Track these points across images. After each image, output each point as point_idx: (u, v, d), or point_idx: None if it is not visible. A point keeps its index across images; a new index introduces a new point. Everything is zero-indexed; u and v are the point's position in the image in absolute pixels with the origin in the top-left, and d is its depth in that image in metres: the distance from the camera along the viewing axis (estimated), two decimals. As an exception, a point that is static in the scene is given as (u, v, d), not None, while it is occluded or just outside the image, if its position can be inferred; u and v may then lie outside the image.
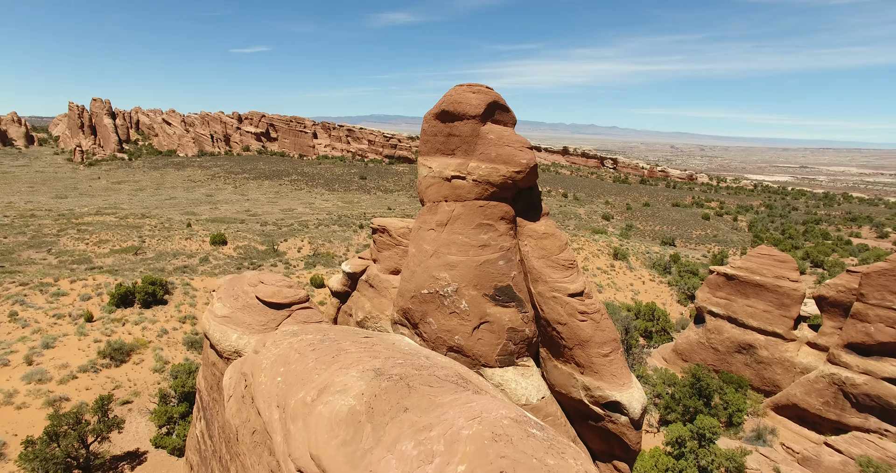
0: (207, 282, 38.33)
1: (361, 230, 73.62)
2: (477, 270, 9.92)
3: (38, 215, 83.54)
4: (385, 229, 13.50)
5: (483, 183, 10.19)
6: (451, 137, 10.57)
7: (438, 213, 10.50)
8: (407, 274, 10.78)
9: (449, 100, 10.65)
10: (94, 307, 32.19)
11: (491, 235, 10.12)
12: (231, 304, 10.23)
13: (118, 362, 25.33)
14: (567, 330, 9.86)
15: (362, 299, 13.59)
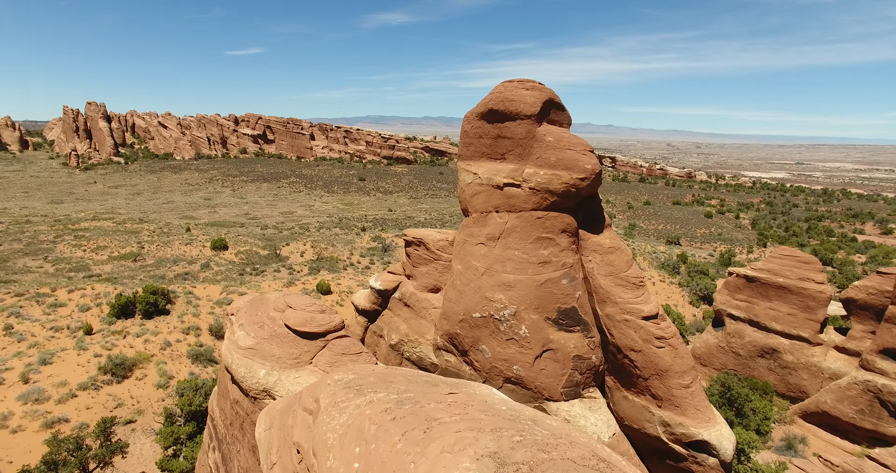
0: (210, 290, 37.06)
1: (364, 233, 72.36)
2: (538, 290, 8.73)
3: (33, 220, 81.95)
4: (421, 241, 12.24)
5: (542, 192, 9.01)
6: (501, 140, 9.39)
7: (489, 225, 9.31)
8: (453, 294, 9.58)
9: (498, 98, 9.45)
10: (94, 319, 30.88)
11: (552, 250, 8.94)
12: (256, 333, 8.97)
13: (120, 378, 24.04)
14: (642, 358, 8.69)
15: (396, 319, 12.31)
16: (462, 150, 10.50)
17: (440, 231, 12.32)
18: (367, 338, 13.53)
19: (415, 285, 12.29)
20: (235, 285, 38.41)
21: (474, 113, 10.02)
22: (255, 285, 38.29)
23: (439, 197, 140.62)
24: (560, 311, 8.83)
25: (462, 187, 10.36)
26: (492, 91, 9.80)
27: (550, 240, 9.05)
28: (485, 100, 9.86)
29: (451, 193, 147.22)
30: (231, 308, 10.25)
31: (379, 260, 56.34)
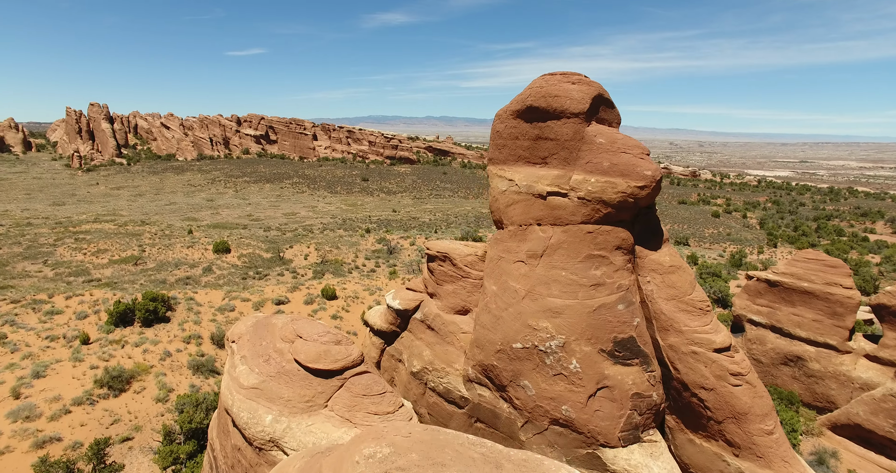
0: (212, 296, 35.95)
1: (368, 235, 71.20)
2: (590, 318, 7.48)
3: (34, 223, 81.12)
4: (447, 256, 10.87)
5: (593, 202, 7.72)
6: (542, 142, 8.13)
7: (529, 240, 8.06)
8: (487, 320, 8.34)
9: (538, 93, 8.16)
10: (91, 327, 29.77)
11: (605, 270, 7.67)
12: (261, 369, 7.72)
13: (117, 391, 22.87)
14: (715, 398, 7.42)
15: (418, 343, 11.00)
16: (494, 152, 9.23)
17: (468, 244, 10.97)
18: (384, 362, 12.16)
19: (439, 305, 10.96)
20: (238, 291, 37.27)
21: (509, 111, 8.74)
22: (258, 291, 37.16)
23: (443, 197, 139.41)
24: (616, 341, 7.56)
25: (495, 195, 9.08)
26: (530, 86, 8.50)
27: (603, 258, 7.77)
28: (522, 96, 8.56)
29: (455, 193, 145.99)
30: (232, 333, 9.04)
31: (384, 263, 55.16)
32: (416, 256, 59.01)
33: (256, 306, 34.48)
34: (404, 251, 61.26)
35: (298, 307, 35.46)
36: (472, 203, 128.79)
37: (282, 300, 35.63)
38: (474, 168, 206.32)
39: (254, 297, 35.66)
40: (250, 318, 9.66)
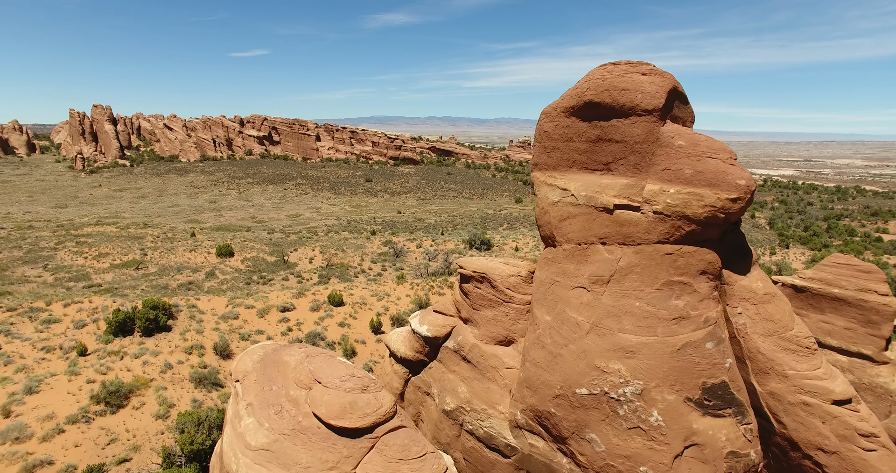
0: (215, 302, 34.72)
1: (374, 237, 69.95)
2: (674, 359, 6.16)
3: (36, 226, 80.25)
4: (485, 277, 9.33)
5: (673, 218, 6.36)
6: (605, 144, 6.80)
7: (592, 262, 6.72)
8: (542, 357, 7.01)
9: (600, 86, 6.78)
10: (89, 337, 28.57)
11: (688, 300, 6.34)
12: (272, 423, 6.34)
13: (114, 408, 21.63)
14: (839, 464, 6.04)
15: (451, 377, 9.59)
16: (541, 156, 7.88)
17: (508, 262, 9.55)
18: (410, 394, 10.72)
19: (476, 333, 9.52)
20: (242, 297, 36.05)
21: (560, 107, 7.40)
22: (262, 297, 35.94)
23: (448, 198, 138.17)
24: (706, 388, 6.21)
25: (544, 206, 7.72)
26: (587, 78, 7.12)
27: (685, 285, 6.42)
28: (577, 90, 7.17)
29: (460, 193, 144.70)
30: (236, 370, 7.71)
31: (391, 266, 53.90)
32: (422, 259, 57.72)
33: (261, 313, 33.26)
34: (411, 254, 59.99)
35: (304, 313, 34.21)
36: (477, 204, 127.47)
37: (287, 306, 34.39)
38: (478, 169, 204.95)
39: (258, 304, 34.42)
40: (256, 350, 8.33)
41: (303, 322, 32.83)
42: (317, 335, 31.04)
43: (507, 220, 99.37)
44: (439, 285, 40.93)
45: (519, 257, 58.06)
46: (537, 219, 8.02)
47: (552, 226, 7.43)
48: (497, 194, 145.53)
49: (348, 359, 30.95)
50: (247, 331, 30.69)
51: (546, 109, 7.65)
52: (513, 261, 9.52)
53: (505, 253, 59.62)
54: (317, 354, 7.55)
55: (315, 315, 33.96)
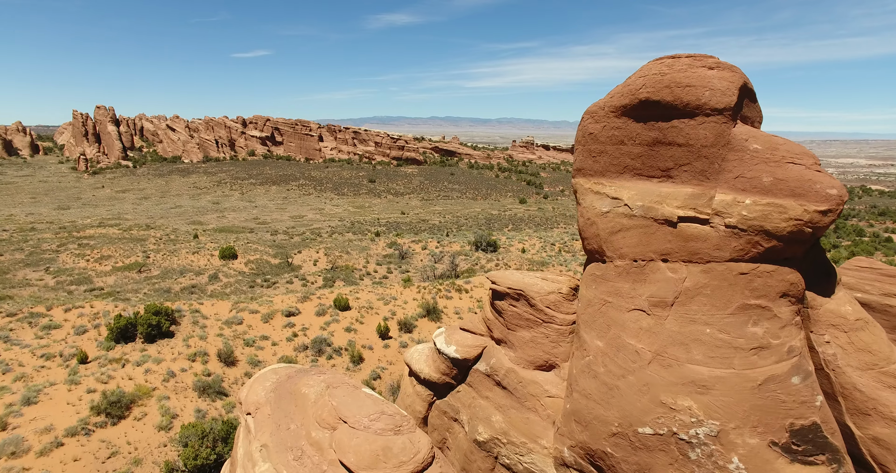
0: (219, 307, 33.98)
1: (378, 238, 69.20)
2: (755, 396, 5.35)
3: (38, 228, 79.79)
4: (522, 294, 8.39)
5: (750, 232, 5.49)
6: (664, 148, 5.96)
7: (652, 282, 5.91)
8: (594, 388, 6.20)
9: (660, 82, 5.94)
10: (90, 344, 27.85)
11: (768, 326, 5.52)
12: (292, 469, 5.53)
13: (115, 419, 20.89)
14: None
15: (483, 404, 8.69)
16: (585, 161, 7.04)
17: (546, 277, 8.64)
18: (434, 418, 9.81)
19: (512, 356, 8.61)
20: (246, 301, 35.32)
21: (609, 107, 6.56)
22: (266, 301, 35.19)
23: (452, 199, 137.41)
24: (793, 430, 5.41)
25: (590, 217, 6.87)
26: (641, 73, 6.23)
27: (764, 310, 5.59)
28: (630, 87, 6.31)
29: (464, 194, 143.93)
30: (246, 400, 6.84)
31: (396, 269, 53.15)
32: (428, 261, 56.95)
33: (265, 318, 32.52)
34: (416, 256, 59.23)
35: (310, 318, 33.46)
36: (481, 204, 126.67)
37: (292, 311, 33.64)
38: (482, 169, 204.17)
39: (262, 308, 33.68)
40: (268, 375, 7.49)
41: (308, 327, 32.07)
42: (323, 341, 30.28)
43: (512, 221, 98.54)
44: (447, 289, 40.12)
45: (526, 260, 57.15)
46: (581, 231, 7.16)
47: (601, 239, 6.60)
48: (501, 195, 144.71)
49: (355, 365, 30.14)
50: (251, 337, 29.95)
51: (591, 108, 6.82)
52: (551, 276, 8.67)
53: (511, 255, 58.78)
54: (338, 383, 6.71)
55: (321, 320, 33.20)
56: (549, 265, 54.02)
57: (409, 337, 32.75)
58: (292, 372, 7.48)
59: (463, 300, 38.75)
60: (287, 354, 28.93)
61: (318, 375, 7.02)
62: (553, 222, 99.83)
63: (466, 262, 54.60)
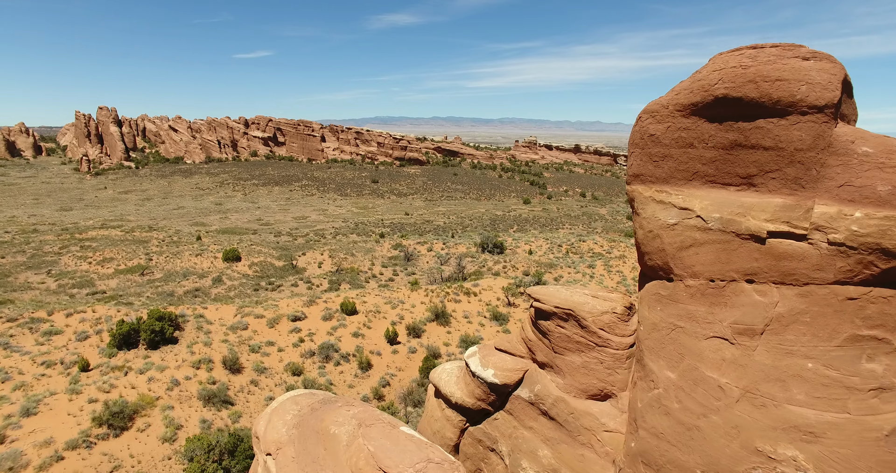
0: (223, 311, 33.26)
1: (383, 240, 68.43)
2: (881, 449, 4.52)
3: (40, 230, 79.26)
4: (572, 314, 7.54)
5: (862, 251, 4.61)
6: (745, 152, 5.16)
7: (734, 305, 5.13)
8: (666, 427, 5.42)
9: (742, 75, 5.16)
10: (92, 350, 27.18)
11: (888, 363, 4.67)
12: None
13: (118, 430, 20.18)
14: None
15: (526, 435, 7.83)
16: (643, 166, 6.24)
17: (597, 295, 7.76)
18: (466, 447, 8.87)
19: (560, 383, 7.69)
20: (251, 305, 34.60)
21: (673, 105, 5.76)
22: (272, 305, 34.47)
23: (455, 199, 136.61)
24: (927, 497, 4.67)
25: (652, 229, 6.06)
26: (715, 67, 5.36)
27: (882, 343, 4.78)
28: (702, 82, 5.40)
29: (468, 194, 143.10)
30: (265, 438, 6.01)
31: (402, 271, 52.37)
32: (434, 262, 56.20)
33: (271, 323, 31.80)
34: (422, 258, 58.47)
35: (316, 323, 32.73)
36: (485, 205, 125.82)
37: (298, 315, 32.91)
38: (485, 169, 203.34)
39: (268, 313, 32.95)
40: (288, 406, 6.66)
41: (315, 332, 31.35)
42: (330, 347, 29.55)
43: (517, 221, 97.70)
44: (455, 292, 39.34)
45: (534, 262, 56.29)
46: (641, 244, 6.36)
47: (667, 255, 5.80)
48: (504, 195, 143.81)
49: (364, 372, 29.37)
50: (257, 343, 29.25)
51: (651, 106, 6.03)
52: (601, 293, 7.85)
53: (518, 257, 57.96)
54: (372, 420, 5.87)
55: (327, 325, 32.47)
56: (558, 267, 53.18)
57: (418, 342, 32.01)
58: (315, 403, 6.69)
59: (472, 304, 37.97)
60: (294, 360, 28.20)
61: (346, 408, 6.22)
62: (558, 223, 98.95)
63: (473, 264, 53.80)
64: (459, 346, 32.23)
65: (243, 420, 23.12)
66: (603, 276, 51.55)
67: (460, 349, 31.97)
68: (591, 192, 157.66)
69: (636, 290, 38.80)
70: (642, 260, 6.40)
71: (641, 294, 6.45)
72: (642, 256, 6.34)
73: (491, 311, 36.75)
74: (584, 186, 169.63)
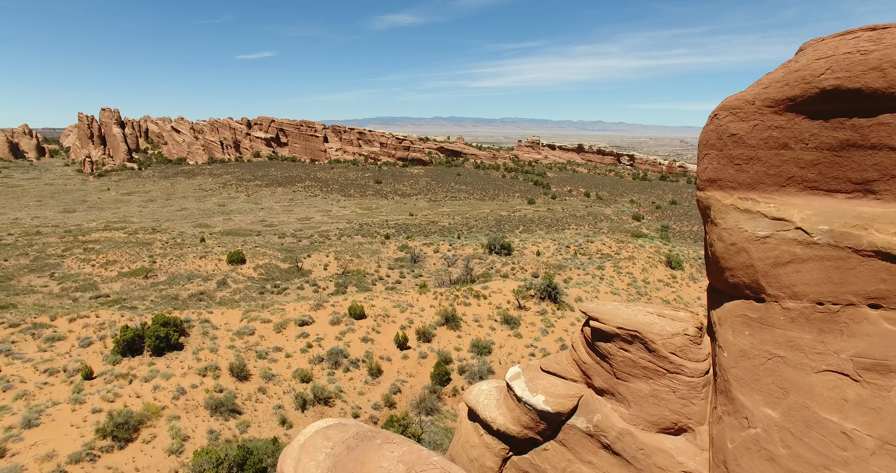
0: (229, 316, 32.56)
1: (388, 241, 67.70)
2: None
3: (43, 232, 78.80)
4: (638, 336, 6.73)
5: None
6: (861, 153, 4.40)
7: (856, 335, 4.38)
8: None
9: (865, 62, 4.29)
10: (96, 357, 26.50)
11: None
12: None
13: (122, 442, 19.48)
14: None
15: (585, 470, 6.87)
16: (720, 169, 5.44)
17: (663, 313, 6.76)
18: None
19: (624, 413, 6.78)
20: (257, 309, 33.89)
21: (762, 99, 5.00)
22: (278, 309, 33.76)
23: (459, 199, 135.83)
24: None
25: (735, 241, 5.24)
26: (820, 54, 4.61)
27: None
28: (802, 72, 4.69)
29: (472, 194, 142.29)
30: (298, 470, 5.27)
31: (409, 273, 51.63)
32: (441, 264, 55.46)
33: (278, 328, 31.08)
34: (428, 259, 57.72)
35: (324, 327, 32.00)
36: (489, 205, 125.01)
37: (305, 320, 32.19)
38: (488, 169, 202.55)
39: (274, 317, 32.24)
40: (318, 441, 5.89)
41: (323, 338, 30.64)
42: (339, 352, 28.84)
43: (523, 222, 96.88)
44: (464, 295, 38.58)
45: (542, 263, 55.50)
46: (719, 258, 5.56)
47: (757, 272, 5.02)
48: (508, 195, 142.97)
49: (374, 378, 28.61)
50: (264, 348, 28.54)
51: (731, 102, 5.23)
52: (667, 311, 7.03)
53: (526, 258, 57.15)
54: (423, 467, 5.03)
55: (336, 329, 31.76)
56: (566, 268, 52.36)
57: (429, 347, 31.27)
58: (350, 440, 5.90)
59: (482, 307, 37.21)
60: (302, 366, 27.49)
61: (388, 448, 5.43)
62: (564, 223, 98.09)
63: (481, 265, 53.00)
64: (471, 351, 31.48)
65: (251, 429, 22.41)
66: (613, 278, 50.72)
67: (472, 354, 31.23)
68: (596, 192, 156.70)
69: (647, 291, 37.77)
70: (720, 276, 5.61)
71: (721, 315, 5.68)
72: (721, 271, 5.55)
73: (501, 314, 35.99)
74: (588, 185, 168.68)
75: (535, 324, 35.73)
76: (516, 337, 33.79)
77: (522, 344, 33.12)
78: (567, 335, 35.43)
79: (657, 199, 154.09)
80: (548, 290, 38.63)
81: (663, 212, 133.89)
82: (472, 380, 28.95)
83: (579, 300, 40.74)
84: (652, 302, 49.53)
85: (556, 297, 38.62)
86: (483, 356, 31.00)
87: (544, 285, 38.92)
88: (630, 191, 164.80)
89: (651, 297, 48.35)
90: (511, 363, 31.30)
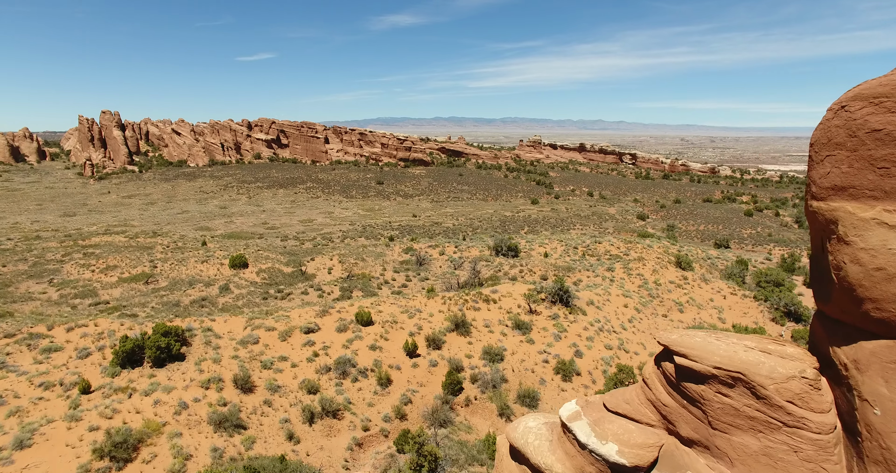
0: (232, 324, 31.49)
1: (393, 243, 66.63)
2: None
3: (43, 236, 77.85)
4: (742, 378, 5.50)
5: None
6: None
7: None
8: None
9: None
10: (94, 369, 25.45)
11: None
12: None
13: (121, 463, 18.42)
14: None
15: None
16: (853, 175, 4.40)
17: (767, 349, 5.25)
18: None
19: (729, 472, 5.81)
20: (261, 316, 32.83)
21: None
22: (283, 316, 32.69)
23: (462, 200, 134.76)
24: None
25: (883, 265, 4.15)
26: None
27: None
28: None
29: (474, 195, 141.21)
30: None
31: (415, 276, 50.56)
32: (447, 267, 54.38)
33: (283, 336, 30.00)
34: (434, 262, 56.63)
35: (330, 335, 30.92)
36: (492, 206, 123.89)
37: (311, 327, 31.11)
38: (490, 169, 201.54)
39: (279, 325, 31.16)
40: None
41: (330, 346, 29.54)
42: (347, 361, 27.74)
43: (527, 222, 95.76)
44: (473, 299, 37.47)
45: (551, 265, 54.40)
46: (857, 286, 4.47)
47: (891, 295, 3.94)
48: (511, 195, 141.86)
49: (383, 388, 27.50)
50: (269, 358, 27.46)
51: (869, 90, 4.16)
52: (772, 345, 5.78)
53: (534, 260, 56.02)
54: None
55: (342, 337, 30.67)
56: (575, 270, 51.25)
57: (439, 354, 30.18)
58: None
59: (492, 312, 36.10)
60: (309, 377, 26.42)
61: None
62: (569, 224, 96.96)
63: (488, 268, 51.91)
64: (482, 358, 30.40)
65: (257, 445, 21.34)
66: (623, 279, 49.61)
67: (483, 361, 30.14)
68: (599, 191, 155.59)
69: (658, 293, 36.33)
70: (854, 307, 4.51)
71: (861, 357, 4.58)
72: (857, 302, 4.45)
73: (513, 319, 34.90)
74: (590, 185, 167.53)
75: (547, 329, 34.63)
76: (528, 343, 32.71)
77: (535, 350, 32.03)
78: (580, 340, 34.37)
79: (661, 197, 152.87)
80: (559, 293, 37.51)
81: (668, 211, 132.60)
82: (485, 390, 27.89)
83: (591, 303, 39.67)
84: (664, 304, 48.15)
85: (568, 301, 37.50)
86: (495, 364, 29.91)
87: (555, 289, 37.80)
88: (633, 190, 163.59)
89: (663, 299, 47.20)
90: (525, 371, 30.21)
